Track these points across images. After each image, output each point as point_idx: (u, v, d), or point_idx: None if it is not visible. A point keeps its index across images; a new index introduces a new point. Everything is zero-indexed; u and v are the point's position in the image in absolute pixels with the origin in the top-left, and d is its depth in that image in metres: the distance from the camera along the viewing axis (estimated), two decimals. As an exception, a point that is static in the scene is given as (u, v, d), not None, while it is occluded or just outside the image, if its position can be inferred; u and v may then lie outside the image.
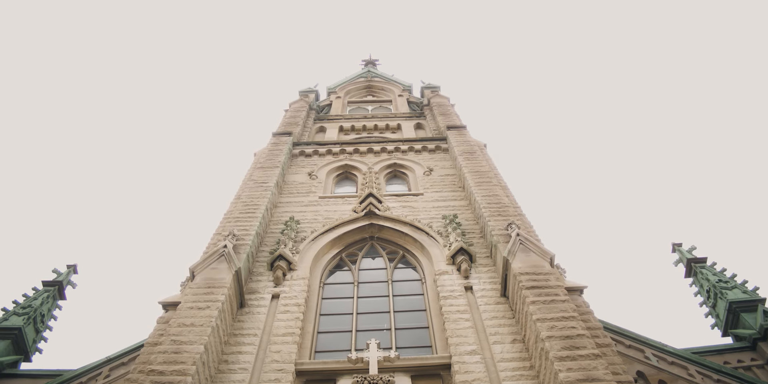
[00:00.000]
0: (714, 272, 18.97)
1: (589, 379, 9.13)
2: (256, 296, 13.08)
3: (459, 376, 10.44)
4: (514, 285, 12.00)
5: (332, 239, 15.44)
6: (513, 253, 12.55)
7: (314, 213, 16.78)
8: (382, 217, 16.10)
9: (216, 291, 11.77)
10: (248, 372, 10.80)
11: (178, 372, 9.58)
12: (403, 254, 15.31)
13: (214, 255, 12.84)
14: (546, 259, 12.42)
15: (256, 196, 16.64)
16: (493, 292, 12.84)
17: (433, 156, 20.68)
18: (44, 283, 19.31)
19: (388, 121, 25.24)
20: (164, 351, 10.03)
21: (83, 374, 14.45)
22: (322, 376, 10.96)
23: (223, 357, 11.21)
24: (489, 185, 16.71)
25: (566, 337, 10.04)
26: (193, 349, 10.11)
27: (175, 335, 10.42)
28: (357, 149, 21.20)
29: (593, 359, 9.53)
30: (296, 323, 12.10)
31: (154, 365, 9.73)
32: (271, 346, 11.43)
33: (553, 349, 9.77)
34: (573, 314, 10.63)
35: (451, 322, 11.90)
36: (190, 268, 12.54)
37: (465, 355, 10.96)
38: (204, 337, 10.42)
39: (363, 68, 35.00)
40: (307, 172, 19.66)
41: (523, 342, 11.30)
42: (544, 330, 10.24)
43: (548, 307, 10.83)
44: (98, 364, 14.38)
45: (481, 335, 11.57)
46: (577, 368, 9.36)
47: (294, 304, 12.73)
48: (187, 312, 11.10)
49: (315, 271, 14.42)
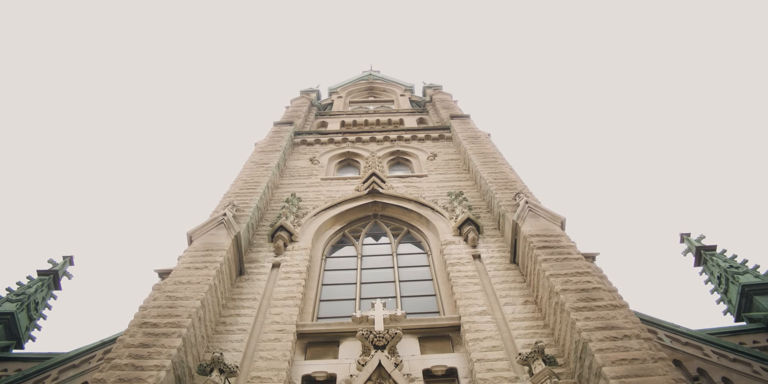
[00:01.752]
0: (724, 259, 18.54)
1: (608, 327, 8.61)
2: (256, 265, 12.60)
3: (469, 335, 9.91)
4: (524, 247, 11.54)
5: (335, 215, 15.02)
6: (522, 217, 12.13)
7: (316, 192, 16.39)
8: (386, 195, 15.71)
9: (214, 253, 11.31)
10: (247, 333, 10.27)
11: (173, 324, 9.07)
12: (407, 230, 14.86)
13: (212, 222, 12.41)
14: (557, 223, 11.99)
15: (256, 175, 16.28)
16: (502, 260, 12.36)
17: (437, 144, 20.39)
18: (39, 273, 18.84)
19: (391, 116, 25.03)
20: (158, 306, 9.54)
21: (76, 357, 13.82)
22: (324, 339, 10.41)
23: (221, 319, 10.69)
24: (495, 164, 16.37)
25: (582, 290, 9.55)
26: (189, 304, 9.62)
27: (170, 292, 9.93)
28: (359, 138, 20.93)
29: (611, 309, 9.03)
30: (297, 288, 11.60)
31: (148, 319, 9.22)
32: (271, 309, 10.92)
33: (569, 301, 9.28)
34: (588, 270, 10.16)
35: (459, 286, 11.40)
36: (188, 234, 12.10)
37: (475, 316, 10.44)
38: (201, 293, 9.93)
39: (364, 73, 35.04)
40: (309, 158, 19.33)
41: (535, 303, 10.79)
42: (558, 284, 9.76)
43: (561, 265, 10.37)
44: (92, 347, 13.77)
45: (491, 298, 11.06)
46: (595, 318, 8.85)
47: (295, 271, 12.24)
48: (183, 272, 10.63)
49: (317, 244, 13.96)
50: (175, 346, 8.54)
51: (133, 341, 8.68)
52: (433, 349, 10.08)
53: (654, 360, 7.96)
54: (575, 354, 8.77)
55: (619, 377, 7.59)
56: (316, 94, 28.85)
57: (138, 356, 8.35)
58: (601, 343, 8.28)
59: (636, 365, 7.82)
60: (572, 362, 8.94)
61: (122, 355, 8.41)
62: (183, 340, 8.77)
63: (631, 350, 8.10)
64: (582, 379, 8.49)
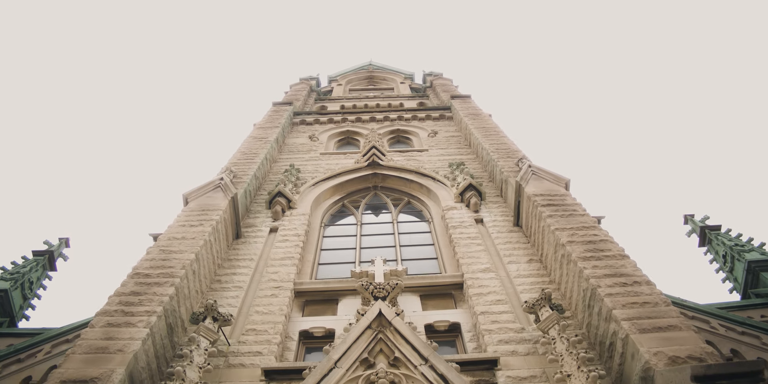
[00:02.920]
0: (729, 238, 18.28)
1: (617, 274, 8.30)
2: (253, 229, 12.29)
3: (473, 290, 9.59)
4: (528, 207, 11.24)
5: (334, 185, 14.72)
6: (525, 179, 11.84)
7: (315, 165, 16.10)
8: (386, 166, 15.41)
9: (210, 213, 11.01)
10: (243, 290, 9.95)
11: (166, 274, 8.75)
12: (408, 200, 14.56)
13: (209, 185, 12.11)
14: (561, 184, 11.69)
15: (255, 147, 16.00)
16: (506, 223, 12.06)
17: (437, 123, 20.11)
18: (34, 253, 18.55)
19: (391, 101, 24.74)
20: (151, 259, 9.22)
21: (70, 332, 13.44)
22: (323, 297, 10.10)
23: (216, 277, 10.37)
24: (497, 136, 16.10)
25: (589, 242, 9.25)
26: (183, 257, 9.30)
27: (164, 247, 9.62)
28: (359, 118, 20.65)
29: (620, 259, 8.72)
30: (295, 250, 11.30)
31: (140, 270, 8.90)
32: (268, 269, 10.61)
33: (576, 252, 8.97)
34: (594, 224, 9.85)
35: (461, 246, 11.10)
36: (184, 195, 11.79)
37: (478, 273, 10.13)
38: (195, 247, 9.62)
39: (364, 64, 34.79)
40: (308, 136, 19.05)
41: (540, 261, 10.48)
42: (565, 237, 9.45)
43: (567, 220, 10.06)
44: (87, 322, 13.45)
45: (494, 258, 10.75)
46: (603, 266, 8.54)
47: (293, 234, 11.94)
48: (178, 229, 10.32)
49: (316, 212, 13.66)
50: (167, 294, 8.22)
51: (124, 290, 8.37)
52: (435, 306, 9.77)
53: (666, 304, 7.64)
54: (583, 303, 8.45)
55: (631, 319, 7.27)
56: (315, 82, 28.62)
57: (128, 303, 8.03)
58: (610, 288, 7.96)
59: (648, 308, 7.50)
60: (579, 312, 8.62)
61: (112, 302, 8.09)
62: (176, 289, 8.46)
63: (642, 295, 7.78)
64: (591, 328, 8.17)
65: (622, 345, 7.14)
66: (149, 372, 7.39)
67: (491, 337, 8.37)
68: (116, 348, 7.10)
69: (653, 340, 6.88)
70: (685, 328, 7.12)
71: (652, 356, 6.58)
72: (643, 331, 7.04)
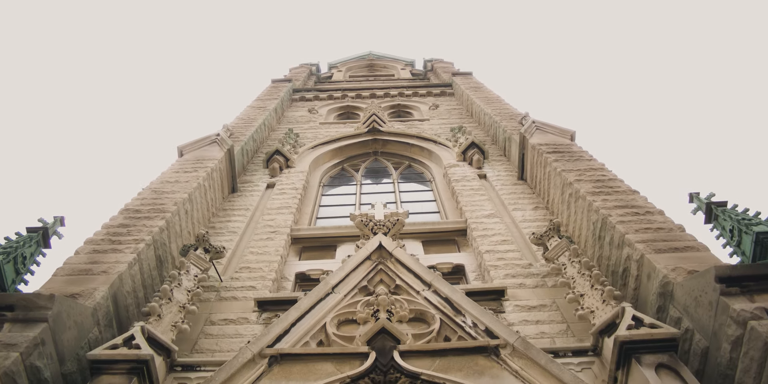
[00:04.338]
0: (736, 213, 17.90)
1: (629, 205, 7.91)
2: (250, 185, 11.92)
3: (477, 233, 9.21)
4: (533, 157, 10.88)
5: (333, 149, 14.37)
6: (530, 132, 11.48)
7: (314, 133, 15.75)
8: (387, 132, 15.05)
9: (206, 162, 10.65)
10: (237, 234, 9.57)
11: (157, 210, 8.38)
12: (409, 164, 14.20)
13: (205, 139, 11.75)
14: (566, 136, 11.33)
15: (253, 114, 15.68)
16: (509, 178, 11.69)
17: (438, 98, 19.79)
18: (28, 229, 18.17)
19: (392, 83, 24.45)
20: (143, 198, 8.85)
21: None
22: (321, 243, 9.72)
23: (210, 224, 9.99)
24: (499, 104, 15.78)
25: (597, 181, 8.87)
26: (175, 196, 8.93)
27: (156, 188, 9.25)
28: (359, 94, 20.35)
29: (630, 194, 8.34)
30: (293, 201, 10.92)
31: (130, 207, 8.53)
32: (264, 217, 10.23)
33: (584, 188, 8.59)
34: (602, 166, 9.48)
35: (464, 197, 10.72)
36: (179, 147, 11.43)
37: (482, 218, 9.75)
38: (189, 189, 9.25)
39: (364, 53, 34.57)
40: (307, 109, 18.73)
41: (546, 208, 10.10)
42: (572, 176, 9.08)
43: (573, 164, 9.69)
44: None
45: (498, 206, 10.37)
46: (613, 200, 8.16)
47: (291, 188, 11.57)
48: (171, 174, 9.96)
49: (315, 172, 13.30)
50: (157, 226, 7.84)
51: (113, 223, 8.00)
52: (437, 251, 9.39)
53: (681, 230, 7.25)
54: (593, 236, 8.06)
55: (645, 241, 6.88)
56: (315, 67, 28.36)
57: (116, 234, 7.65)
58: (621, 217, 7.58)
59: (662, 233, 7.11)
60: (589, 248, 8.23)
61: (99, 233, 7.72)
62: (167, 222, 8.08)
63: (656, 223, 7.39)
64: (602, 260, 7.77)
65: (636, 267, 6.75)
66: (135, 299, 6.99)
67: (497, 272, 7.98)
68: (100, 269, 6.72)
69: (670, 258, 6.48)
70: (703, 249, 6.73)
71: (670, 271, 6.18)
72: (659, 251, 6.65)
